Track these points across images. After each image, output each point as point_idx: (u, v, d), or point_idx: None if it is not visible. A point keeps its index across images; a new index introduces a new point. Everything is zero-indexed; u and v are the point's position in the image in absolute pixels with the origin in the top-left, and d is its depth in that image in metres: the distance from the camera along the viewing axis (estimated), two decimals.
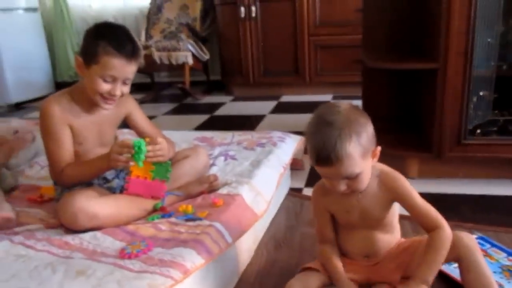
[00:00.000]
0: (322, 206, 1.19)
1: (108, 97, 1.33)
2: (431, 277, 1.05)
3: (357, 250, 1.20)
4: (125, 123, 1.57)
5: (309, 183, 2.06)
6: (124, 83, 1.34)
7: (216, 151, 1.87)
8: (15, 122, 2.31)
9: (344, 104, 1.05)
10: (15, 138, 1.99)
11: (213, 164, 1.71)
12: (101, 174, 1.42)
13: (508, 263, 1.30)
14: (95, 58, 1.29)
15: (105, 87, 1.31)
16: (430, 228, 1.10)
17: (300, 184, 2.06)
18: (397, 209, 1.18)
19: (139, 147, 1.26)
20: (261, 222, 1.58)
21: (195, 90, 4.14)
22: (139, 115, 1.54)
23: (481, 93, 2.06)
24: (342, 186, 1.05)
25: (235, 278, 1.33)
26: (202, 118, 3.44)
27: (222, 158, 1.78)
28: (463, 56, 1.86)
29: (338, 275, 1.14)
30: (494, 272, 1.22)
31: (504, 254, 1.34)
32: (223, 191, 1.45)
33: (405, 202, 1.12)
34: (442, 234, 1.08)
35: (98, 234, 1.22)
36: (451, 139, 1.95)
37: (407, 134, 2.23)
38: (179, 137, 2.00)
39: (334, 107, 1.04)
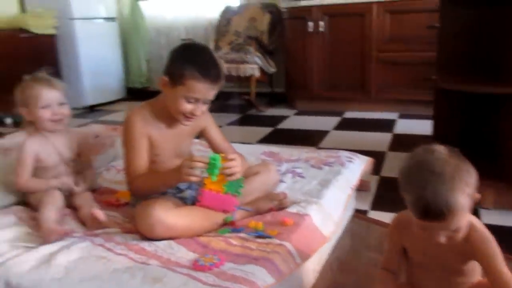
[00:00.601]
0: (397, 239, 1.13)
1: (189, 116, 1.39)
2: None
3: None
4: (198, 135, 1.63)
5: (375, 206, 2.03)
6: (204, 102, 1.40)
7: (283, 167, 1.89)
8: (96, 127, 2.45)
9: (443, 149, 0.98)
10: (95, 142, 2.12)
11: (280, 181, 1.73)
12: (171, 187, 1.47)
13: None
14: (180, 80, 1.34)
15: (188, 107, 1.37)
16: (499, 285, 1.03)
17: (365, 206, 2.03)
18: None
19: (214, 163, 1.31)
20: (327, 244, 1.57)
21: (258, 102, 4.20)
22: (214, 130, 1.60)
23: None
24: (442, 238, 0.99)
25: None
26: (265, 130, 3.48)
27: (289, 175, 1.79)
28: None
29: None
30: None
31: None
32: (292, 209, 1.46)
33: (487, 265, 1.04)
34: None
35: (172, 243, 1.27)
36: None
37: (481, 162, 2.13)
38: (246, 150, 2.04)
39: (436, 152, 0.97)
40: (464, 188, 0.93)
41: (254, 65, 3.85)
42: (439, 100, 2.52)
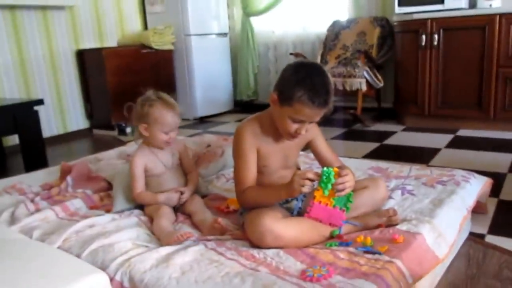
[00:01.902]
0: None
1: (294, 135, 1.42)
2: None
3: None
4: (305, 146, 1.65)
5: (493, 230, 1.88)
6: (310, 123, 1.41)
7: (392, 183, 1.84)
8: (208, 137, 2.60)
9: None
10: (207, 151, 2.24)
11: (389, 197, 1.68)
12: (278, 202, 1.49)
13: None
14: (289, 101, 1.36)
15: (293, 127, 1.40)
16: None
17: (482, 229, 1.89)
18: None
19: (328, 176, 1.32)
20: (439, 266, 1.49)
21: (365, 117, 4.12)
22: (321, 142, 1.60)
23: None
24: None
25: None
26: (371, 146, 3.40)
27: (399, 191, 1.74)
28: None
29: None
30: None
31: None
32: (403, 227, 1.42)
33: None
34: None
35: (281, 252, 1.30)
36: None
37: None
38: (353, 164, 2.00)
39: None
40: None
41: (361, 79, 3.79)
42: None
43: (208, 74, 4.86)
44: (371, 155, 3.13)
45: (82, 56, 4.39)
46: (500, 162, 2.85)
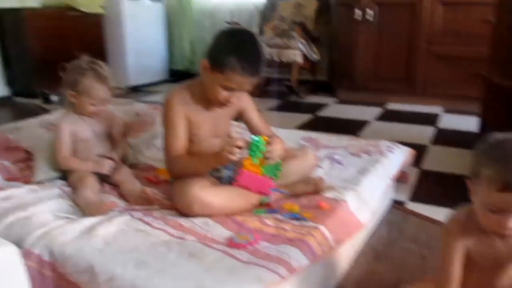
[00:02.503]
0: (459, 246, 1.05)
1: (224, 103, 1.40)
2: None
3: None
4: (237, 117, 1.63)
5: (413, 198, 1.99)
6: (241, 91, 1.39)
7: (321, 153, 1.88)
8: (138, 106, 2.51)
9: None
10: (137, 121, 2.17)
11: (318, 166, 1.72)
12: (207, 171, 1.46)
13: None
14: (220, 69, 1.33)
15: (224, 94, 1.37)
16: None
17: (403, 197, 1.99)
18: None
19: (258, 145, 1.31)
20: (362, 232, 1.56)
21: (300, 89, 4.17)
22: (252, 112, 1.59)
23: None
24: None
25: (333, 284, 1.34)
26: (305, 117, 3.46)
27: (327, 161, 1.78)
28: None
29: None
30: None
31: None
32: (329, 195, 1.46)
33: None
34: None
35: (209, 220, 1.30)
36: None
37: None
38: (285, 135, 2.02)
39: None
40: None
41: (297, 51, 3.82)
42: (489, 96, 2.43)
43: (141, 41, 4.65)
44: (305, 126, 3.18)
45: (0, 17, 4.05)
46: (424, 134, 3.01)
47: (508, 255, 1.07)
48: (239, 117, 1.62)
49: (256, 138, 1.35)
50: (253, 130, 1.60)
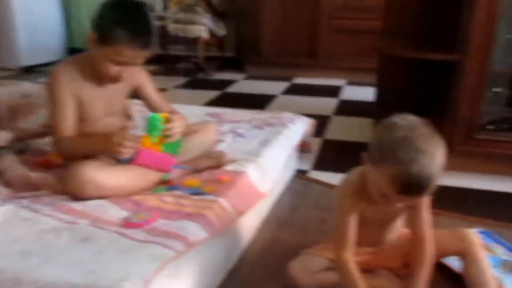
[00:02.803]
0: (355, 210, 1.11)
1: (116, 78, 1.32)
2: None
3: (366, 240, 1.20)
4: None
5: (316, 166, 2.06)
6: (133, 65, 1.32)
7: (225, 127, 1.87)
8: (27, 86, 2.31)
9: (417, 121, 1.00)
10: (25, 102, 2.00)
11: (221, 141, 1.71)
12: (95, 155, 1.36)
13: (507, 258, 1.30)
14: (108, 42, 1.25)
15: (114, 69, 1.30)
16: (420, 240, 1.13)
17: (306, 166, 2.06)
18: None
19: (155, 123, 1.27)
20: (266, 201, 1.58)
21: (208, 66, 4.12)
22: (150, 88, 1.53)
23: (496, 90, 2.04)
24: (401, 205, 1.05)
25: (237, 254, 1.35)
26: (213, 94, 3.43)
27: (230, 135, 1.78)
28: (483, 50, 1.83)
29: None
30: (494, 266, 1.23)
31: (505, 249, 1.34)
32: (230, 167, 1.45)
33: (414, 208, 1.13)
34: (430, 251, 1.12)
35: (104, 202, 1.23)
36: (463, 133, 1.94)
37: None
38: (190, 111, 1.99)
39: (417, 128, 0.97)
40: (442, 164, 0.96)
41: (202, 26, 3.75)
42: (382, 67, 2.57)
43: (33, 16, 4.21)
44: (212, 103, 3.15)
45: None
46: (327, 105, 3.12)
47: (394, 214, 1.16)
48: (136, 93, 1.55)
49: (153, 116, 1.30)
50: (151, 107, 1.54)
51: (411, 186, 0.95)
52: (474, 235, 1.17)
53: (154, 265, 0.94)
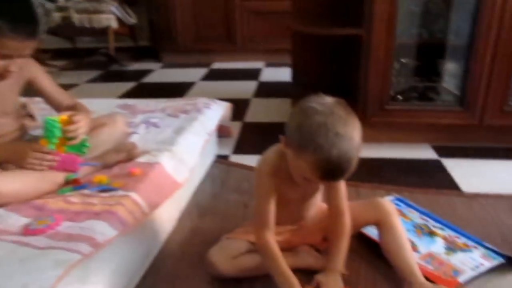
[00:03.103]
0: (272, 184, 1.09)
1: (2, 73, 1.20)
2: (342, 264, 1.10)
3: (287, 219, 1.20)
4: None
5: (236, 150, 2.04)
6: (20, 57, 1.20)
7: (138, 118, 1.78)
8: None
9: (333, 103, 0.97)
10: None
11: (134, 133, 1.62)
12: None
13: (420, 221, 1.35)
14: None
15: None
16: (336, 212, 1.13)
17: (227, 151, 2.02)
18: None
19: (52, 129, 1.19)
20: (185, 191, 1.54)
21: (121, 57, 3.94)
22: (44, 81, 1.41)
23: (403, 60, 2.12)
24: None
25: (157, 248, 1.29)
26: (128, 85, 3.29)
27: (143, 125, 1.70)
28: (386, 23, 1.88)
29: (289, 282, 1.03)
30: (408, 230, 1.27)
31: (418, 214, 1.39)
32: (142, 159, 1.38)
33: (331, 190, 1.14)
34: (347, 222, 1.13)
35: (1, 211, 1.12)
36: (375, 104, 2.00)
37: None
38: (100, 105, 1.88)
39: (335, 112, 0.94)
40: (360, 144, 0.95)
41: (110, 15, 3.55)
42: (295, 46, 2.58)
43: None
44: (128, 95, 3.02)
45: None
46: (247, 89, 3.11)
47: (312, 191, 1.16)
48: (32, 88, 1.42)
49: (49, 120, 1.21)
50: (49, 101, 1.43)
51: (333, 171, 0.94)
52: (389, 203, 1.20)
53: (57, 272, 0.86)
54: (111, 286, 1.04)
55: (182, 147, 1.50)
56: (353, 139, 0.93)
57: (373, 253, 1.22)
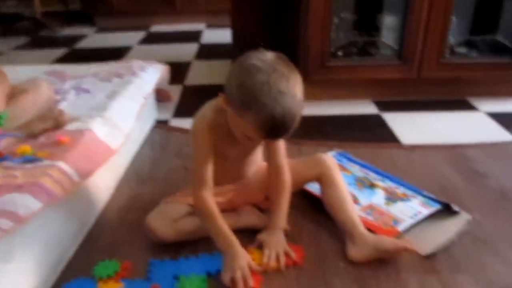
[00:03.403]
0: (208, 141, 1.05)
1: None
2: (284, 221, 1.09)
3: (227, 177, 1.17)
4: None
5: (177, 114, 1.97)
6: None
7: (67, 85, 1.67)
8: None
9: (274, 59, 0.93)
10: None
11: (62, 99, 1.52)
12: None
13: (361, 174, 1.36)
14: None
15: None
16: (276, 169, 1.12)
17: (167, 116, 1.95)
18: None
19: None
20: (122, 157, 1.47)
21: (51, 22, 3.68)
22: None
23: (342, 15, 2.09)
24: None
25: (92, 218, 1.23)
26: (60, 52, 3.08)
27: (73, 92, 1.59)
28: None
29: (228, 241, 1.01)
30: (349, 184, 1.28)
31: (359, 167, 1.40)
32: (72, 127, 1.29)
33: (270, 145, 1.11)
34: (287, 179, 1.12)
35: None
36: (316, 62, 1.97)
37: None
38: (26, 72, 1.74)
39: (277, 70, 0.90)
40: (302, 100, 0.93)
41: None
42: (234, 6, 2.50)
43: None
44: (61, 61, 2.84)
45: None
46: (188, 51, 3.00)
47: (251, 148, 1.12)
48: None
49: None
50: None
51: (277, 129, 0.91)
52: (329, 158, 1.19)
53: None
54: (41, 261, 0.98)
55: (115, 112, 1.41)
56: (296, 96, 0.91)
57: (316, 209, 1.22)
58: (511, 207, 1.26)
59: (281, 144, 1.11)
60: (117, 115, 1.41)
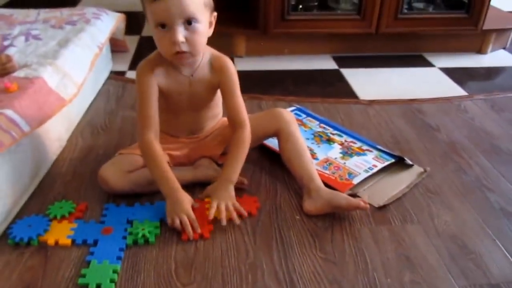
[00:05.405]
0: (151, 83, 1.05)
1: None
2: (236, 175, 1.08)
3: (182, 129, 1.17)
4: None
5: (133, 66, 1.90)
6: None
7: (16, 30, 1.57)
8: None
9: None
10: None
11: (10, 45, 1.43)
12: None
13: (319, 129, 1.38)
14: None
15: None
16: (235, 124, 1.11)
17: (123, 67, 1.88)
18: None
19: None
20: (76, 108, 1.42)
21: None
22: None
23: None
24: (180, 36, 0.95)
25: (43, 170, 1.19)
26: None
27: (22, 38, 1.50)
28: None
29: (172, 185, 1.01)
30: (307, 138, 1.30)
31: (317, 122, 1.42)
32: (20, 74, 1.23)
33: (227, 88, 1.10)
34: (246, 134, 1.10)
35: None
36: (276, 15, 1.94)
37: (237, 13, 2.14)
38: None
39: None
40: None
41: None
42: None
43: None
44: (7, 6, 2.65)
45: None
46: None
47: (201, 95, 1.12)
48: None
49: None
50: None
51: None
52: (287, 113, 1.20)
53: None
54: None
55: (67, 61, 1.35)
56: None
57: (274, 164, 1.24)
58: (459, 159, 1.32)
59: (241, 100, 1.11)
60: (69, 64, 1.35)
